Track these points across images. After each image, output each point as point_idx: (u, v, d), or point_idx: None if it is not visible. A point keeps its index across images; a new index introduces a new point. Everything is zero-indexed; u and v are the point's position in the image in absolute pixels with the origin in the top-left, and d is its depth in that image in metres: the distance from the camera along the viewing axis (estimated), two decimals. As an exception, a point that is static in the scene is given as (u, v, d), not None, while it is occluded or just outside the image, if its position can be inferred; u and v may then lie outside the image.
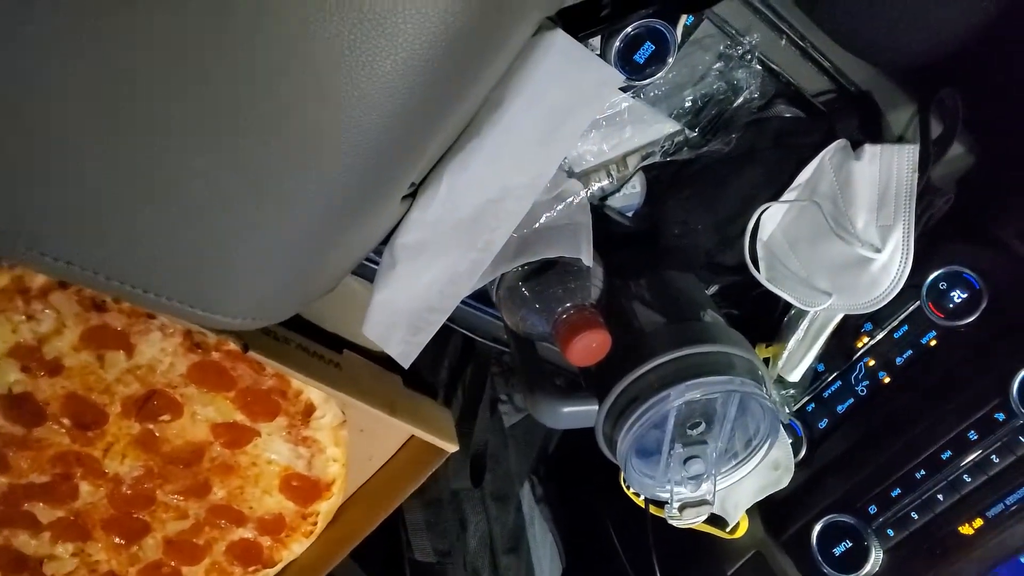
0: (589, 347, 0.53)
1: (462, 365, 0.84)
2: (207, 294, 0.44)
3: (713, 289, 0.70)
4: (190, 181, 0.40)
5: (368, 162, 0.43)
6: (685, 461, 0.58)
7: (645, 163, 0.62)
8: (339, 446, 0.72)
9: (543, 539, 0.85)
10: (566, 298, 0.55)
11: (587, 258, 0.55)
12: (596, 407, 0.57)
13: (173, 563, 0.74)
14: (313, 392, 0.68)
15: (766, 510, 0.70)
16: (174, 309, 0.44)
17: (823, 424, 0.69)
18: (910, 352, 0.65)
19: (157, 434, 0.67)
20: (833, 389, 0.69)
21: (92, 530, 0.70)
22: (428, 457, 0.71)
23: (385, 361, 0.77)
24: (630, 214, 0.66)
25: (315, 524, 0.76)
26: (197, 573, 0.75)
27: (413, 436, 0.73)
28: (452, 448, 0.70)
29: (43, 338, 0.61)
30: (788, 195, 0.64)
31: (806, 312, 0.66)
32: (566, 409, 0.57)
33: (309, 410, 0.69)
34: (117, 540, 0.71)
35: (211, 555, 0.75)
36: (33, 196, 0.38)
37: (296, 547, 0.76)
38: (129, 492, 0.69)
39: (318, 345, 0.70)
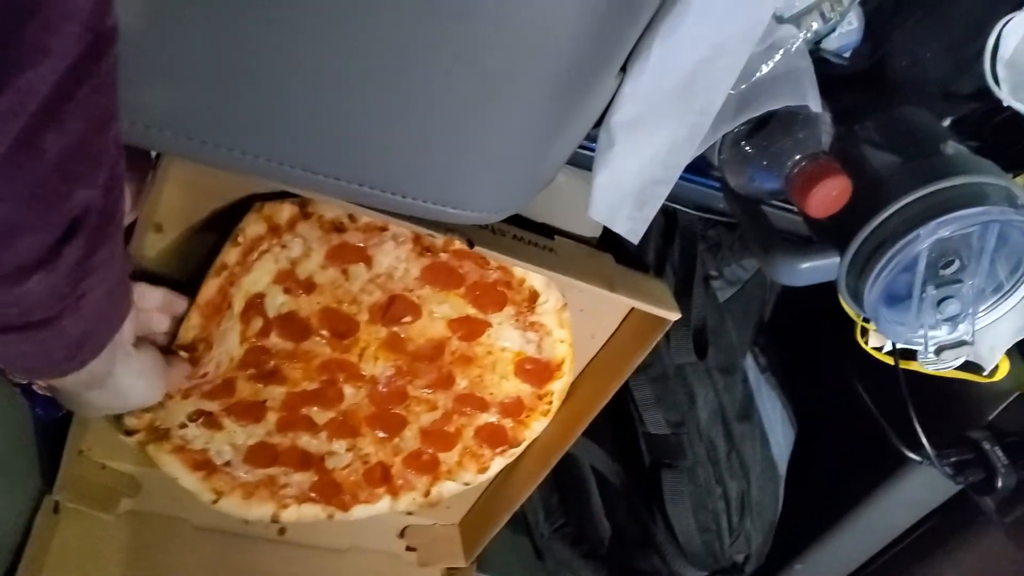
0: (829, 196, 0.51)
1: (667, 243, 0.84)
2: (456, 193, 0.47)
3: (946, 122, 0.65)
4: (431, 89, 0.42)
5: (591, 43, 0.43)
6: (939, 303, 0.55)
7: (864, -7, 0.57)
8: (564, 327, 0.75)
9: (772, 406, 0.85)
10: (796, 149, 0.53)
11: (815, 104, 0.52)
12: (836, 259, 0.56)
13: (431, 450, 0.81)
14: (535, 279, 0.71)
15: (1030, 348, 0.66)
16: (427, 210, 0.47)
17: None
18: None
19: (402, 335, 0.73)
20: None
21: (359, 427, 0.78)
22: (650, 328, 0.72)
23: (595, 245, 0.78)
24: (847, 54, 0.61)
25: (551, 403, 0.80)
26: (452, 458, 0.82)
27: (633, 309, 0.75)
28: (674, 315, 0.70)
29: (295, 261, 0.66)
30: (1035, -1, 0.56)
31: (1063, 130, 0.59)
32: (805, 265, 0.56)
33: (533, 297, 0.72)
34: (381, 434, 0.79)
35: (462, 440, 0.81)
36: (298, 120, 0.42)
37: (536, 426, 0.81)
38: (385, 390, 0.76)
39: (531, 234, 0.72)
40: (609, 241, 0.77)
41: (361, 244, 0.67)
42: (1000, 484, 0.65)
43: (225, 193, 0.63)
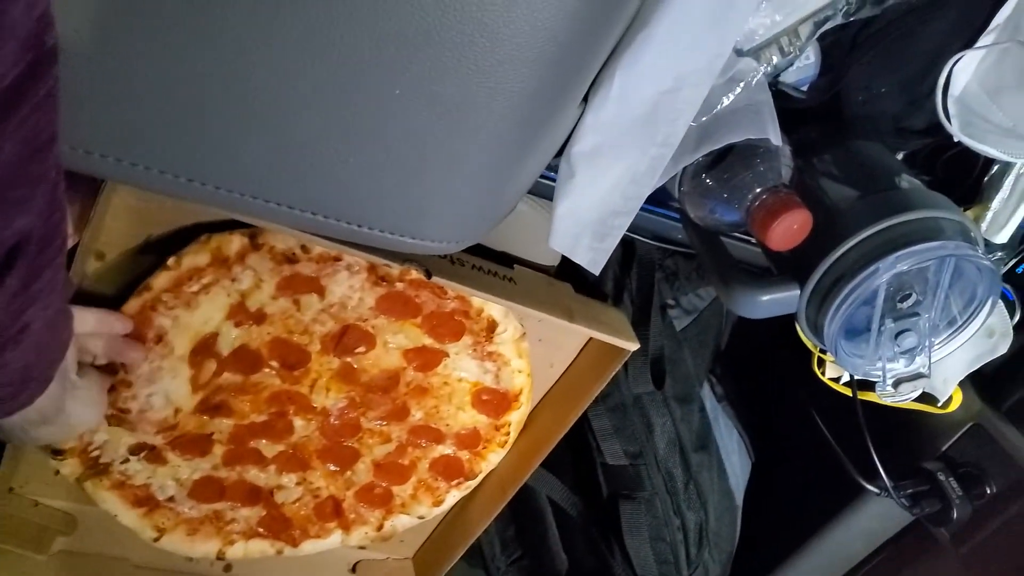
0: (790, 229, 0.51)
1: (625, 272, 0.84)
2: (413, 223, 0.45)
3: (900, 156, 0.66)
4: (389, 117, 0.40)
5: (552, 72, 0.43)
6: (896, 336, 0.56)
7: (822, 29, 0.57)
8: (522, 357, 0.74)
9: (729, 436, 0.85)
10: (756, 182, 0.52)
11: (775, 137, 0.52)
12: (796, 292, 0.56)
13: (384, 484, 0.79)
14: (493, 309, 0.70)
15: (981, 380, 0.66)
16: (384, 240, 0.45)
17: (1038, 284, 0.65)
18: None
19: (355, 366, 0.71)
20: (1047, 246, 0.64)
21: (310, 460, 0.76)
22: (609, 358, 0.71)
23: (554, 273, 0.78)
24: (804, 88, 0.62)
25: (508, 434, 0.78)
26: (406, 491, 0.80)
27: (591, 339, 0.74)
28: (633, 346, 0.69)
29: (245, 293, 0.64)
30: (984, 40, 0.58)
31: (1011, 167, 0.61)
32: (765, 297, 0.56)
33: (491, 326, 0.71)
34: (332, 467, 0.77)
35: (416, 473, 0.79)
36: (249, 147, 0.40)
37: (493, 458, 0.80)
38: (337, 422, 0.74)
39: (491, 263, 0.71)
40: (568, 270, 0.77)
41: (314, 274, 0.65)
42: (955, 516, 0.65)
43: (171, 221, 0.61)
